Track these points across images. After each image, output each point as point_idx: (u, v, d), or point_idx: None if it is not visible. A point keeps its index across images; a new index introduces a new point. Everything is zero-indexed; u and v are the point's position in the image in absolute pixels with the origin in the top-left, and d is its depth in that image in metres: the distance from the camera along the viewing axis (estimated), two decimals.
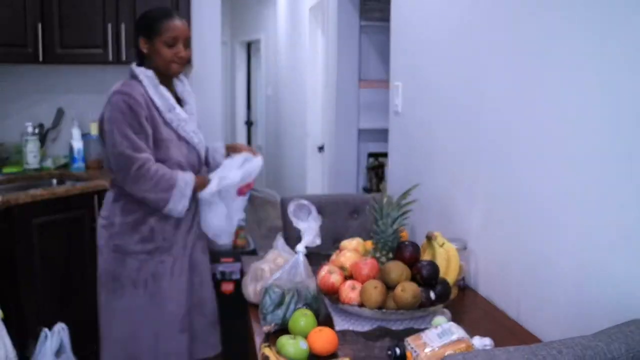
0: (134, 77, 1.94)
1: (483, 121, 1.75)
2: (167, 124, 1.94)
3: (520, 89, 1.55)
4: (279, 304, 1.46)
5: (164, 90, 1.94)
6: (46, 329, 2.21)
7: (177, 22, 1.93)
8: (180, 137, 1.96)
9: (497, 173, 1.68)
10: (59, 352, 2.19)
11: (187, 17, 3.06)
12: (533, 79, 1.49)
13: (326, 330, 1.37)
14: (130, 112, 1.84)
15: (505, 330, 1.50)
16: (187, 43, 1.96)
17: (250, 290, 1.65)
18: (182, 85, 2.10)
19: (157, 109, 1.91)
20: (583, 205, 1.32)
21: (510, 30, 1.60)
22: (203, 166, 2.11)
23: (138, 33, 1.95)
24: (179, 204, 1.89)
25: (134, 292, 1.97)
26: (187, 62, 2.01)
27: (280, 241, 1.75)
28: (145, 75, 1.92)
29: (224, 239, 2.15)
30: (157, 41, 1.91)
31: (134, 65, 1.97)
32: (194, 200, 2.00)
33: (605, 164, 1.25)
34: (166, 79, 1.99)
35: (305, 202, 1.65)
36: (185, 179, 1.90)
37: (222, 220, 2.04)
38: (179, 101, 2.05)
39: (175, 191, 1.87)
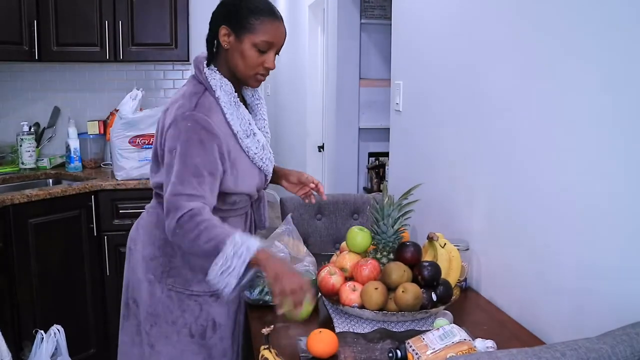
0: (205, 86, 1.49)
1: (485, 120, 1.73)
2: (242, 151, 1.52)
3: (523, 88, 1.53)
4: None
5: (244, 110, 1.53)
6: (41, 331, 2.19)
7: (280, 25, 1.48)
8: (254, 165, 1.57)
9: (499, 173, 1.66)
10: (54, 354, 2.17)
11: (185, 15, 3.04)
12: (536, 79, 1.48)
13: (326, 332, 1.35)
14: (202, 148, 1.41)
15: (508, 332, 1.49)
16: (278, 52, 1.52)
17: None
18: (252, 90, 1.65)
19: (234, 135, 1.50)
20: (587, 205, 1.31)
21: (512, 29, 1.59)
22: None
23: (220, 18, 1.49)
24: (220, 280, 1.35)
25: (189, 340, 1.60)
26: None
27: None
28: (224, 90, 1.48)
29: None
30: (246, 39, 1.45)
31: (207, 69, 1.50)
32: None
33: (609, 165, 1.23)
34: (238, 85, 1.56)
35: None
36: (237, 247, 1.33)
37: None
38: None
39: (218, 259, 1.34)
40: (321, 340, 1.33)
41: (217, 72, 1.50)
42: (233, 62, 1.49)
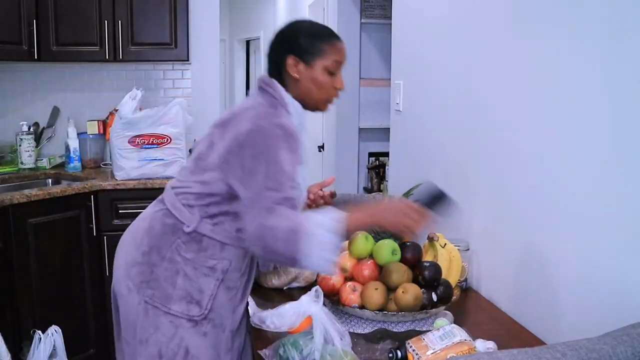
0: (280, 103, 1.45)
1: (485, 120, 1.73)
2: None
3: (523, 88, 1.53)
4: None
5: (305, 137, 1.49)
6: (39, 332, 2.18)
7: (343, 44, 1.48)
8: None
9: (499, 173, 1.66)
10: (52, 355, 2.16)
11: (185, 15, 3.04)
12: (536, 78, 1.48)
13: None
14: (294, 156, 1.34)
15: (509, 332, 1.48)
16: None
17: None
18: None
19: None
20: (587, 205, 1.30)
21: (512, 29, 1.58)
22: None
23: (284, 49, 1.46)
24: (319, 267, 1.32)
25: None
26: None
27: None
28: (295, 109, 1.46)
29: None
30: (317, 64, 1.44)
31: (281, 88, 1.46)
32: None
33: (608, 165, 1.23)
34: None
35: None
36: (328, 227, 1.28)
37: None
38: None
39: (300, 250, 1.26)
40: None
41: (290, 96, 1.47)
42: (306, 90, 1.46)
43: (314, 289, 1.44)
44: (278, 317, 1.46)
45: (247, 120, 1.38)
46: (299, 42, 1.45)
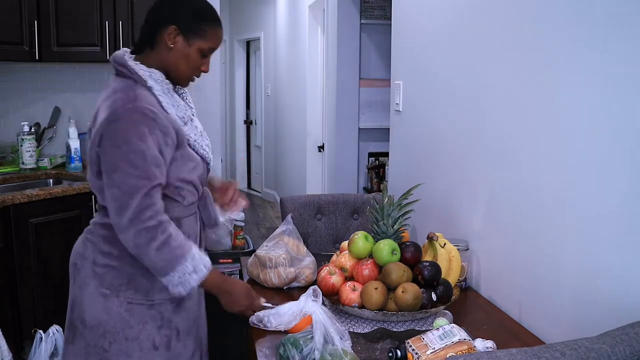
0: (135, 79, 1.42)
1: (485, 120, 1.74)
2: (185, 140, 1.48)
3: (523, 88, 1.53)
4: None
5: (177, 97, 1.50)
6: (40, 331, 2.18)
7: (222, 31, 1.52)
8: (197, 155, 1.52)
9: (499, 173, 1.66)
10: (53, 354, 2.17)
11: None
12: (536, 78, 1.48)
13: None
14: (150, 133, 1.35)
15: (508, 332, 1.49)
16: None
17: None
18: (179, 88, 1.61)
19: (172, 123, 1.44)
20: (586, 206, 1.31)
21: (511, 29, 1.59)
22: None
23: (168, 17, 1.44)
24: (175, 287, 1.41)
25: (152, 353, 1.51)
26: None
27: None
28: (154, 78, 1.43)
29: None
30: (195, 44, 1.44)
31: (132, 62, 1.44)
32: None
33: (607, 164, 1.24)
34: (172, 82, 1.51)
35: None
36: (196, 264, 1.41)
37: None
38: None
39: (177, 273, 1.40)
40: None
41: (142, 64, 1.46)
42: (173, 62, 1.46)
43: (311, 288, 1.45)
44: (275, 316, 1.48)
45: (104, 111, 1.38)
46: (185, 16, 1.44)
